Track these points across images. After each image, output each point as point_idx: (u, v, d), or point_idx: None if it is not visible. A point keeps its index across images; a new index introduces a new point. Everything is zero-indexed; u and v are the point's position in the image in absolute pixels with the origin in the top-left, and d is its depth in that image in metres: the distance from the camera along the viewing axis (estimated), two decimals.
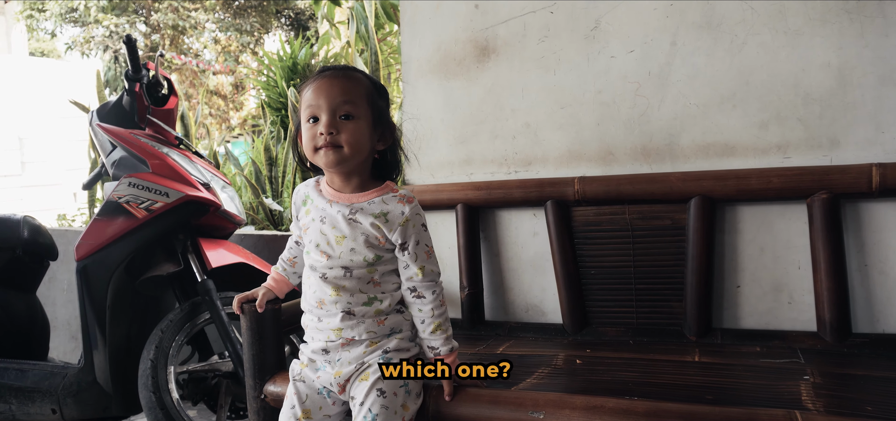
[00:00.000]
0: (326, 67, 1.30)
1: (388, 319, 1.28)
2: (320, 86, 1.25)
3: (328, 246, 1.27)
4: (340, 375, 1.26)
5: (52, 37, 12.17)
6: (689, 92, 1.66)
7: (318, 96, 1.24)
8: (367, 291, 1.27)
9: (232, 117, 13.15)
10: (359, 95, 1.26)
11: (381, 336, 1.27)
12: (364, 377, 1.24)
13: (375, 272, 1.28)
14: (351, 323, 1.26)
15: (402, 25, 2.01)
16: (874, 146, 1.52)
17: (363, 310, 1.27)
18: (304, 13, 13.04)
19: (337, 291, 1.26)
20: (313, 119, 1.25)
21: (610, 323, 1.73)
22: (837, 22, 1.53)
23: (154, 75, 2.13)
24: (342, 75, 1.27)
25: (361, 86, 1.28)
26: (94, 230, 1.95)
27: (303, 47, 4.65)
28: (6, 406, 2.03)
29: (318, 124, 1.24)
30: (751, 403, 1.20)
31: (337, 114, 1.24)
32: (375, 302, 1.27)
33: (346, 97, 1.24)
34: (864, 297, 1.55)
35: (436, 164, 1.96)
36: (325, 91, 1.24)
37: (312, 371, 1.31)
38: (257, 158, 3.41)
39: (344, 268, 1.26)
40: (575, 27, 1.76)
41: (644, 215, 1.69)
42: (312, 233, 1.29)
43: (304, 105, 1.26)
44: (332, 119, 1.23)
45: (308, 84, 1.28)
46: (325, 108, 1.23)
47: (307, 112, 1.25)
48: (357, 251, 1.26)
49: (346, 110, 1.24)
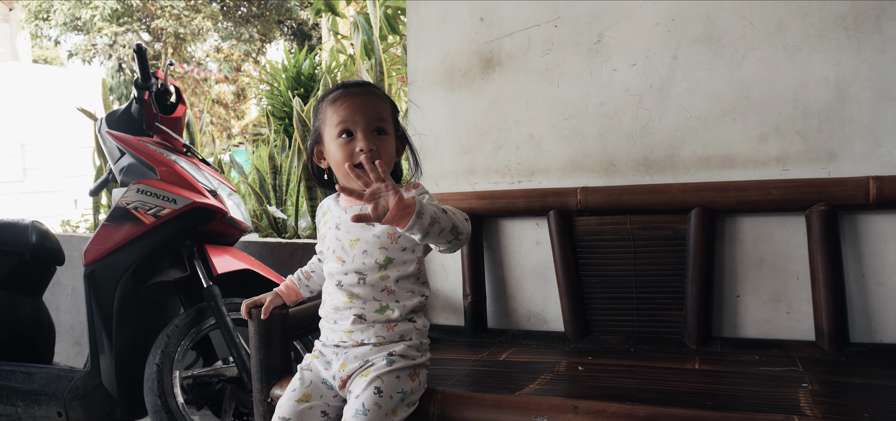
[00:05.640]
0: (349, 83, 1.34)
1: (398, 326, 1.30)
2: (354, 102, 1.28)
3: (342, 251, 1.30)
4: (345, 369, 1.29)
5: (55, 44, 12.23)
6: (690, 105, 1.70)
7: (352, 112, 1.27)
8: (380, 298, 1.29)
9: (233, 126, 13.19)
10: (387, 112, 1.32)
11: (389, 341, 1.29)
12: (365, 374, 1.26)
13: (388, 279, 1.29)
14: (361, 326, 1.29)
15: (408, 37, 2.04)
16: (871, 159, 1.55)
17: (375, 316, 1.29)
18: (307, 23, 13.12)
19: (351, 299, 1.29)
20: (346, 134, 1.28)
21: (611, 331, 1.76)
22: (835, 38, 1.57)
23: (162, 83, 2.16)
24: (371, 93, 1.32)
25: (387, 102, 1.34)
26: (102, 236, 1.98)
27: (306, 57, 4.69)
28: (13, 409, 2.05)
29: (354, 140, 1.27)
30: (750, 408, 1.22)
31: (372, 129, 1.28)
32: (387, 311, 1.29)
33: (378, 114, 1.29)
34: (862, 307, 1.57)
35: (440, 174, 1.99)
36: (360, 107, 1.28)
37: (322, 363, 1.34)
38: (261, 166, 3.44)
39: (357, 273, 1.29)
40: (578, 41, 1.80)
41: (645, 225, 1.71)
42: (329, 241, 1.33)
43: (333, 120, 1.29)
44: (370, 135, 1.27)
45: (335, 100, 1.31)
46: (362, 124, 1.27)
47: (339, 127, 1.28)
48: (369, 253, 1.28)
49: (379, 125, 1.29)
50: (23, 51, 12.54)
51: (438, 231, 1.16)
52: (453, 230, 1.18)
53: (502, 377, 1.51)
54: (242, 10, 12.67)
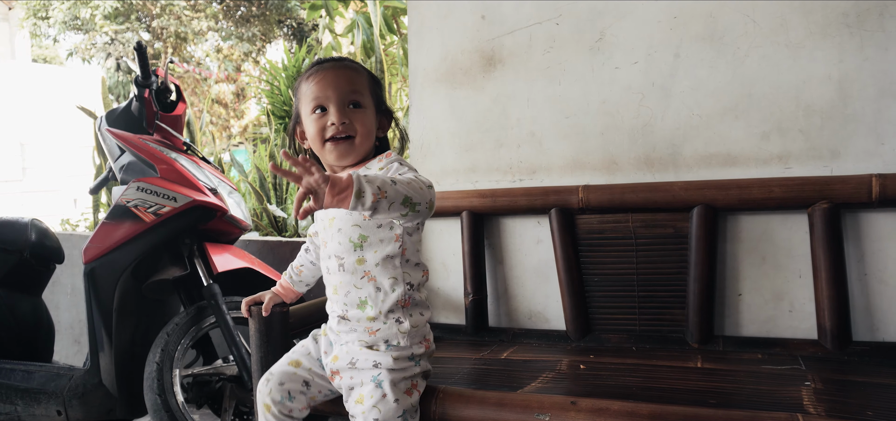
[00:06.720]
0: (324, 59, 1.30)
1: (381, 329, 1.25)
2: (325, 77, 1.25)
3: (325, 231, 1.29)
4: (336, 362, 1.28)
5: (54, 42, 12.21)
6: (692, 103, 1.69)
7: (324, 87, 1.24)
8: (360, 288, 1.25)
9: (233, 125, 13.19)
10: (363, 84, 1.28)
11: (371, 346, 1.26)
12: (359, 400, 1.23)
13: (366, 263, 1.24)
14: (345, 327, 1.28)
15: (409, 35, 2.04)
16: (874, 157, 1.55)
17: (356, 313, 1.26)
18: (307, 23, 13.11)
19: (335, 290, 1.28)
20: (320, 109, 1.25)
21: (613, 330, 1.75)
22: (838, 36, 1.56)
23: (163, 81, 2.15)
24: (345, 66, 1.28)
25: (363, 75, 1.29)
26: (101, 234, 1.97)
27: (306, 56, 4.69)
28: (12, 407, 2.04)
29: (328, 114, 1.24)
30: (753, 406, 1.22)
31: (346, 103, 1.24)
32: (367, 307, 1.25)
33: (353, 86, 1.25)
34: (864, 305, 1.57)
35: (441, 172, 1.98)
36: (331, 81, 1.24)
37: (325, 344, 1.34)
38: (262, 165, 3.43)
39: (336, 257, 1.26)
40: (580, 39, 1.79)
41: (647, 224, 1.71)
42: (317, 223, 1.34)
43: (307, 97, 1.26)
44: (343, 108, 1.24)
45: (309, 76, 1.28)
46: (335, 98, 1.23)
47: (313, 103, 1.25)
48: (343, 231, 1.24)
49: (354, 99, 1.25)
50: (22, 50, 12.52)
51: (387, 206, 1.06)
52: (406, 202, 1.08)
53: (504, 375, 1.50)
54: (242, 9, 12.67)
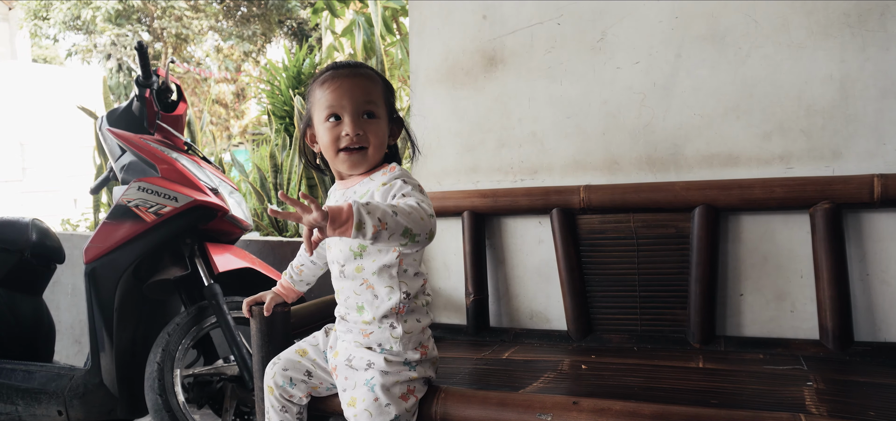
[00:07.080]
0: (339, 64, 1.29)
1: (374, 333, 1.25)
2: (342, 85, 1.23)
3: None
4: (336, 357, 1.29)
5: (54, 42, 12.21)
6: (694, 103, 1.69)
7: (340, 96, 1.22)
8: (359, 294, 1.25)
9: (233, 126, 13.19)
10: (378, 94, 1.27)
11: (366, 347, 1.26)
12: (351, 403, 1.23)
13: (364, 271, 1.24)
14: (344, 327, 1.30)
15: (410, 35, 2.04)
16: (876, 158, 1.54)
17: (354, 316, 1.27)
18: (307, 23, 13.12)
19: (337, 293, 1.30)
20: (335, 118, 1.24)
21: (614, 330, 1.75)
22: (840, 36, 1.56)
23: (164, 81, 2.15)
24: (361, 74, 1.26)
25: (378, 84, 1.28)
26: (102, 233, 1.97)
27: (306, 56, 4.69)
28: (13, 407, 2.04)
29: (342, 124, 1.23)
30: (755, 406, 1.22)
31: (361, 113, 1.23)
32: (364, 311, 1.25)
33: (368, 96, 1.24)
34: (866, 306, 1.57)
35: (442, 172, 1.98)
36: (347, 90, 1.23)
37: (333, 339, 1.34)
38: (262, 165, 3.43)
39: (338, 264, 1.27)
40: (581, 39, 1.79)
41: (648, 224, 1.71)
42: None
43: (322, 103, 1.24)
44: (357, 119, 1.22)
45: (324, 82, 1.26)
46: (350, 108, 1.22)
47: (327, 110, 1.24)
48: (344, 239, 1.22)
49: (368, 109, 1.24)
50: (22, 50, 12.52)
51: (387, 236, 1.07)
52: (405, 233, 1.09)
53: (505, 376, 1.50)
54: (243, 9, 12.67)
